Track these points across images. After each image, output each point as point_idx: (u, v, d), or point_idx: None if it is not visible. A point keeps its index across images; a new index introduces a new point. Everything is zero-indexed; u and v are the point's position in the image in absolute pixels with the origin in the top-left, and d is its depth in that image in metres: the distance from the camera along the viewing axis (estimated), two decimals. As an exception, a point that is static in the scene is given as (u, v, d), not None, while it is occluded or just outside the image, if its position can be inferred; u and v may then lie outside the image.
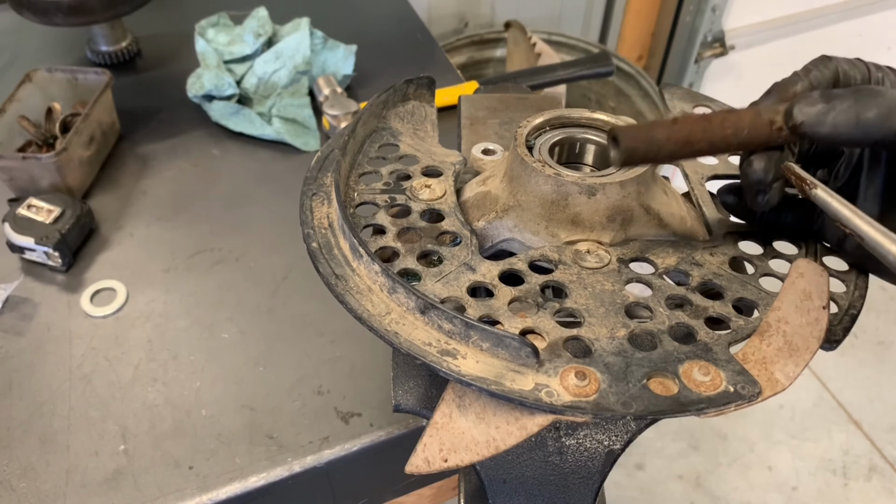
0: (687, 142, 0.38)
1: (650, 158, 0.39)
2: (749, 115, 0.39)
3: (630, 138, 0.38)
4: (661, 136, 0.38)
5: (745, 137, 0.38)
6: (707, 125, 0.38)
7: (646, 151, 0.39)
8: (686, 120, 0.39)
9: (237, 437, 0.67)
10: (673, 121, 0.39)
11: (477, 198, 0.47)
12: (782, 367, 0.36)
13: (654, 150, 0.38)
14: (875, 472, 1.75)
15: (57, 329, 0.76)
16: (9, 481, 0.64)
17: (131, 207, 0.90)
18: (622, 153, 0.38)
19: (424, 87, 0.57)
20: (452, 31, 1.64)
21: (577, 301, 0.40)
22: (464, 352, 0.36)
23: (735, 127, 0.38)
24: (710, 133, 0.38)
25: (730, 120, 0.38)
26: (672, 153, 0.39)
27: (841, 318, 0.41)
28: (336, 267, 0.41)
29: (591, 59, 1.12)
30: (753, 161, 0.40)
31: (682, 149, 0.39)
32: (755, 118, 0.38)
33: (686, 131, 0.38)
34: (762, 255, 0.45)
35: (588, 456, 0.43)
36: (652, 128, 0.38)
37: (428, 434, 0.36)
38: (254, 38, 1.04)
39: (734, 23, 1.90)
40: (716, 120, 0.38)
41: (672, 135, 0.38)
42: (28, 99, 0.92)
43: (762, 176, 0.39)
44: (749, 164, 0.40)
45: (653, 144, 0.38)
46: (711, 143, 0.38)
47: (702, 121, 0.38)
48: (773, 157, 0.39)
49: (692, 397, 0.34)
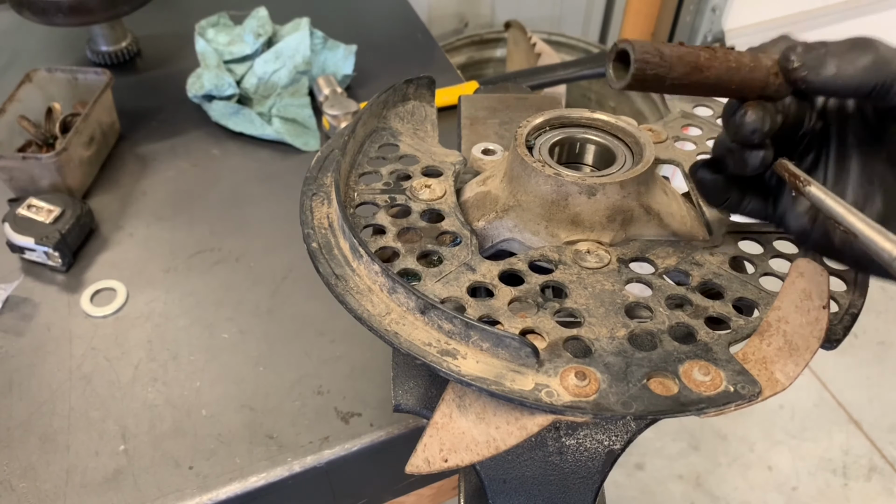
0: (695, 66, 0.36)
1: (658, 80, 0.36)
2: (749, 55, 0.37)
3: (642, 51, 0.35)
4: (672, 54, 0.35)
5: (746, 75, 0.37)
6: (713, 53, 0.36)
7: (657, 69, 0.35)
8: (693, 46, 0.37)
9: (237, 437, 0.67)
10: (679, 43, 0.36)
11: (477, 198, 0.47)
12: (782, 367, 0.36)
13: (664, 68, 0.35)
14: (875, 472, 1.75)
15: (57, 329, 0.76)
16: (9, 481, 0.64)
17: (131, 207, 0.90)
18: (634, 67, 0.35)
19: (424, 87, 0.57)
20: (452, 31, 1.64)
21: (577, 301, 0.40)
22: (464, 352, 0.36)
23: (738, 62, 0.37)
24: (716, 61, 0.36)
25: (733, 54, 0.37)
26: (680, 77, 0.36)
27: (841, 317, 0.41)
28: (336, 267, 0.41)
29: (591, 59, 1.12)
30: (748, 110, 0.38)
31: (690, 72, 0.36)
32: (755, 58, 0.37)
33: (695, 55, 0.36)
34: (762, 255, 0.45)
35: (588, 456, 0.43)
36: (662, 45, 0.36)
37: (428, 434, 0.36)
38: (254, 38, 1.04)
39: (734, 23, 1.90)
40: (720, 51, 0.37)
41: (683, 55, 0.35)
42: (28, 99, 0.92)
43: (758, 125, 0.37)
44: (743, 114, 0.38)
45: (664, 61, 0.35)
46: (717, 73, 0.36)
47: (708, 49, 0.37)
48: (767, 108, 0.38)
49: (692, 397, 0.34)
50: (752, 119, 0.38)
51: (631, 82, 0.35)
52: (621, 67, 0.36)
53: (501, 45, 1.61)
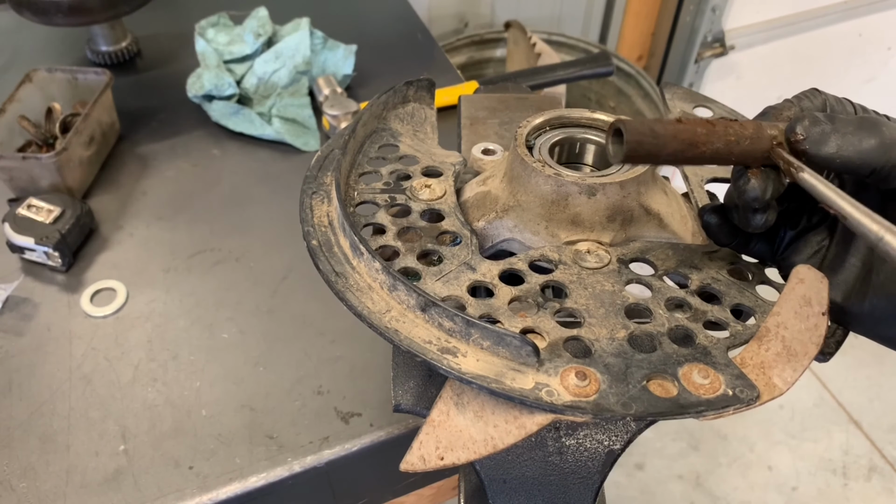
0: (691, 143, 0.37)
1: (652, 157, 0.37)
2: (752, 125, 0.38)
3: (635, 132, 0.36)
4: (666, 133, 0.37)
5: (747, 147, 0.38)
6: (711, 128, 0.37)
7: (650, 147, 0.37)
8: (690, 121, 0.38)
9: (237, 437, 0.67)
10: (677, 120, 0.37)
11: (477, 198, 0.47)
12: (780, 372, 0.36)
13: (657, 147, 0.37)
14: (875, 472, 1.75)
15: (57, 329, 0.76)
16: (9, 481, 0.64)
17: (131, 207, 0.90)
18: (626, 147, 0.36)
19: (424, 89, 0.57)
20: (452, 31, 1.64)
21: (577, 301, 0.40)
22: (464, 350, 0.36)
23: (738, 135, 0.37)
24: (713, 136, 0.37)
25: (733, 127, 0.38)
26: (674, 153, 0.37)
27: (834, 331, 0.41)
28: (336, 265, 0.41)
29: (591, 59, 1.12)
30: (751, 178, 0.39)
31: (685, 150, 0.37)
32: (758, 129, 0.38)
33: (691, 132, 0.37)
34: (759, 264, 0.45)
35: (588, 456, 0.43)
36: (656, 124, 0.37)
37: (424, 432, 0.36)
38: (254, 38, 1.04)
39: (734, 23, 1.90)
40: (720, 125, 0.37)
41: (678, 133, 0.37)
42: (28, 99, 0.92)
43: (758, 193, 0.39)
44: (746, 181, 0.39)
45: (657, 140, 0.36)
46: (714, 147, 0.37)
47: (706, 124, 0.38)
48: (770, 176, 0.39)
49: (691, 400, 0.34)
50: (753, 187, 0.39)
51: (624, 160, 0.37)
52: (618, 142, 0.37)
53: (501, 45, 1.61)
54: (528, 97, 0.69)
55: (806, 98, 0.40)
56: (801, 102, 0.40)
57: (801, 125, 0.36)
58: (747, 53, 1.97)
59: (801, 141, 0.36)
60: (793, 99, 0.40)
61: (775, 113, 0.40)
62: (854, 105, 0.40)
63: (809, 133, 0.36)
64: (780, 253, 0.44)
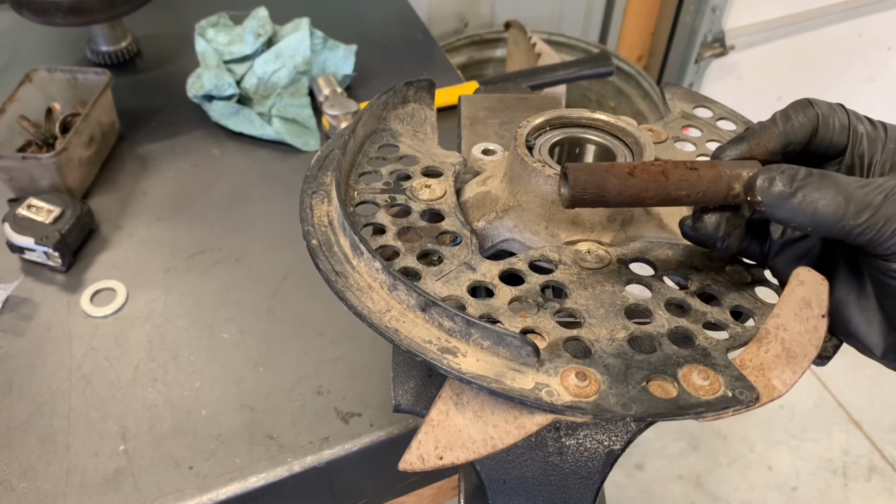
0: (637, 198, 0.37)
1: (597, 205, 0.38)
2: (710, 175, 0.38)
3: (580, 183, 0.37)
4: (612, 187, 0.37)
5: (699, 199, 0.38)
6: (663, 182, 0.37)
7: (592, 199, 0.37)
8: (644, 172, 0.37)
9: (237, 437, 0.67)
10: (630, 170, 0.37)
11: (477, 198, 0.47)
12: (780, 374, 0.36)
13: (601, 199, 0.37)
14: (875, 472, 1.75)
15: (57, 329, 0.76)
16: (9, 481, 0.64)
17: (131, 207, 0.90)
18: (567, 196, 0.37)
19: (424, 89, 0.57)
20: (452, 31, 1.64)
21: (578, 301, 0.40)
22: (464, 350, 0.36)
23: (691, 188, 0.37)
24: (663, 191, 0.37)
25: (688, 180, 0.37)
26: (619, 204, 0.38)
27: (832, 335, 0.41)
28: (336, 264, 0.41)
29: (591, 59, 1.12)
30: (705, 218, 0.40)
31: (631, 202, 0.38)
32: (715, 181, 0.38)
33: (639, 188, 0.37)
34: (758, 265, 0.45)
35: (588, 456, 0.43)
36: (606, 175, 0.37)
37: (423, 431, 0.36)
38: (254, 38, 1.04)
39: (734, 23, 1.90)
40: (673, 177, 0.37)
41: (624, 189, 0.37)
42: (28, 99, 0.92)
43: (711, 233, 0.40)
44: (700, 220, 0.40)
45: (602, 193, 0.37)
46: (662, 200, 0.38)
47: (660, 176, 0.37)
48: (724, 216, 0.39)
49: (691, 401, 0.34)
50: (705, 226, 0.40)
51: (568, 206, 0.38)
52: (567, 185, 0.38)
53: (501, 45, 1.61)
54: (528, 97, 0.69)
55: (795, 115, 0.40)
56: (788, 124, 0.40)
57: (760, 185, 0.36)
58: (747, 53, 1.97)
59: (758, 202, 0.37)
60: (780, 119, 0.40)
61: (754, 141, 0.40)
62: (847, 112, 0.40)
63: (767, 196, 0.36)
64: (771, 257, 0.44)
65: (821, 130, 0.40)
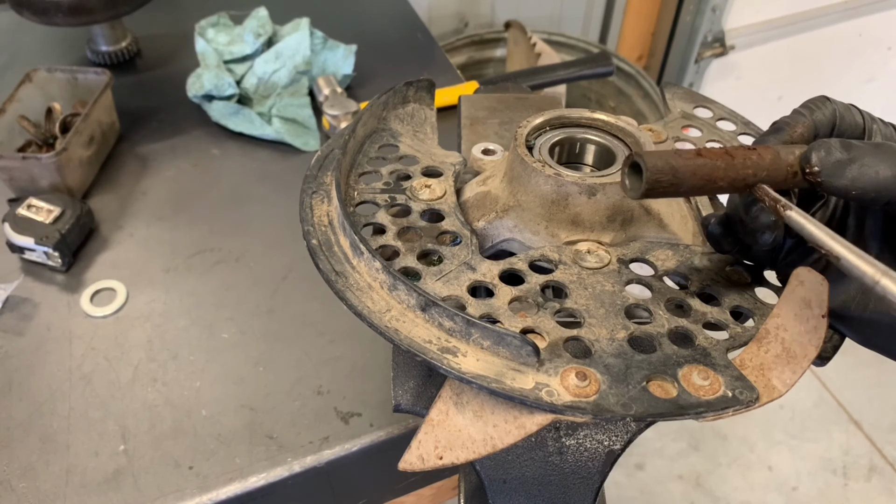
0: (709, 179, 0.36)
1: (670, 193, 0.36)
2: (769, 155, 0.37)
3: (654, 170, 0.34)
4: (685, 170, 0.35)
5: (763, 178, 0.37)
6: (730, 161, 0.36)
7: (669, 185, 0.35)
8: (710, 153, 0.36)
9: (237, 437, 0.67)
10: (697, 153, 0.36)
11: (477, 198, 0.47)
12: (779, 374, 0.36)
13: (677, 183, 0.35)
14: (875, 472, 1.75)
15: (57, 329, 0.76)
16: (9, 481, 0.63)
17: (131, 207, 0.90)
18: (646, 184, 0.35)
19: (424, 90, 0.57)
20: (452, 31, 1.64)
21: (578, 301, 0.40)
22: (464, 350, 0.36)
23: (756, 167, 0.36)
24: (732, 171, 0.36)
25: (752, 159, 0.36)
26: (693, 188, 0.36)
27: (831, 336, 0.41)
28: (336, 264, 0.41)
29: (591, 59, 1.12)
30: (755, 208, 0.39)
31: (703, 185, 0.36)
32: (775, 159, 0.37)
33: (710, 167, 0.36)
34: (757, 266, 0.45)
35: (588, 456, 0.43)
36: (676, 158, 0.35)
37: (423, 431, 0.36)
38: (254, 38, 1.04)
39: (734, 23, 1.90)
40: (738, 156, 0.36)
41: (697, 170, 0.35)
42: (28, 99, 0.92)
43: (771, 221, 0.39)
44: (760, 209, 0.39)
45: (677, 177, 0.35)
46: (732, 181, 0.36)
47: (724, 156, 0.36)
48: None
49: (691, 401, 0.34)
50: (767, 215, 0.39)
51: (642, 196, 0.36)
52: (635, 176, 0.36)
53: (501, 45, 1.61)
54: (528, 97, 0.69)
55: (817, 109, 0.39)
56: (814, 115, 0.39)
57: (817, 155, 0.36)
58: (747, 53, 1.97)
59: (816, 173, 0.36)
60: (804, 110, 0.40)
61: (789, 130, 0.39)
62: (862, 113, 0.40)
63: (825, 164, 0.36)
64: (782, 259, 0.44)
65: (839, 126, 0.39)
